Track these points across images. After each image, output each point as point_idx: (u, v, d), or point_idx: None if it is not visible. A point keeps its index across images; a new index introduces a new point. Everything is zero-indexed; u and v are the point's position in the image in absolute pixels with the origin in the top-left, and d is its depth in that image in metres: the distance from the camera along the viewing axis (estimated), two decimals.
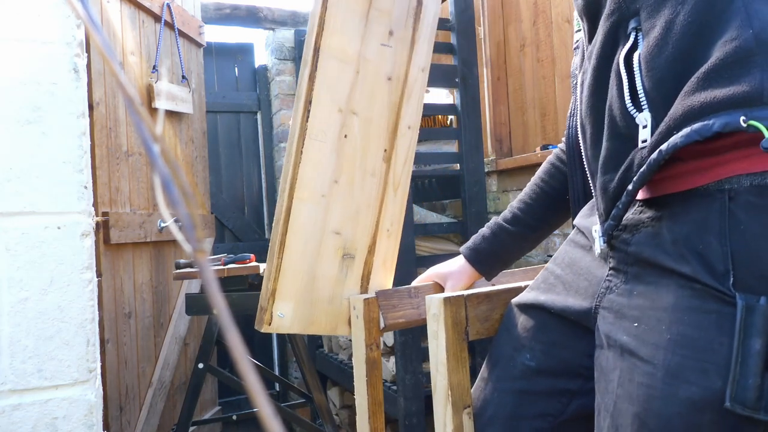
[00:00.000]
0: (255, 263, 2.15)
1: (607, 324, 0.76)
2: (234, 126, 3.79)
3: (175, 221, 0.41)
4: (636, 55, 0.71)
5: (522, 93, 2.71)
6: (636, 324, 0.71)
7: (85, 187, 1.02)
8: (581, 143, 0.85)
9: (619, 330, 0.73)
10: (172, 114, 2.68)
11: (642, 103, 0.70)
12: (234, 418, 2.41)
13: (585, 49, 0.84)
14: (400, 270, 2.10)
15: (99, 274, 2.04)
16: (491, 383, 0.94)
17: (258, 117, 3.84)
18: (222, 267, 2.10)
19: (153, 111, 2.41)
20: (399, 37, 1.18)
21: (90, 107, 1.94)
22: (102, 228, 2.10)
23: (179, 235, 0.30)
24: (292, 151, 1.07)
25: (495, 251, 1.11)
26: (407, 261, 2.18)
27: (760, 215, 0.63)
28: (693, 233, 0.66)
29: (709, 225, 0.65)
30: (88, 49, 1.87)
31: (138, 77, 2.40)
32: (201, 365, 2.06)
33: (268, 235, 3.75)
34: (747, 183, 0.64)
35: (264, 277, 1.08)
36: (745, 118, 0.61)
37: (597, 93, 0.77)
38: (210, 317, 2.11)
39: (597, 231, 0.79)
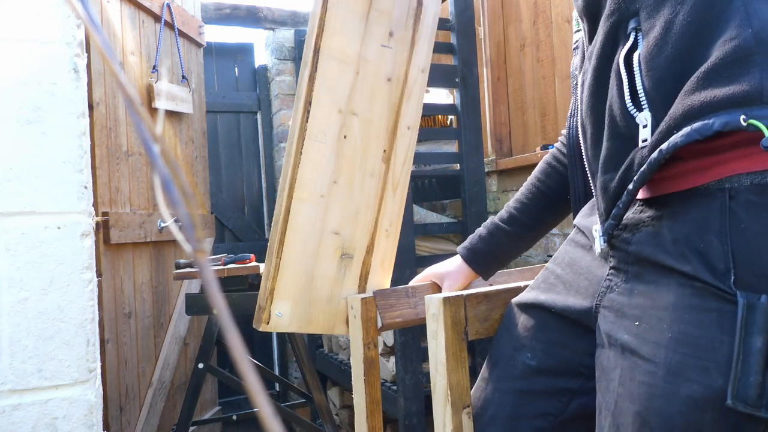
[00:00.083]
0: (255, 263, 2.15)
1: (608, 323, 0.76)
2: (234, 126, 3.79)
3: (175, 221, 0.41)
4: (636, 55, 0.71)
5: (522, 93, 2.71)
6: (637, 323, 0.71)
7: (85, 187, 1.02)
8: (581, 143, 0.85)
9: (620, 329, 0.73)
10: (172, 114, 2.68)
11: (642, 103, 0.70)
12: (234, 418, 2.41)
13: (585, 50, 0.84)
14: (399, 270, 2.11)
15: (99, 274, 2.04)
16: (492, 383, 0.94)
17: (258, 117, 3.84)
18: (222, 267, 2.10)
19: (153, 111, 2.41)
20: (399, 38, 1.18)
21: (90, 107, 1.94)
22: (102, 228, 2.10)
23: (179, 235, 0.30)
24: (291, 152, 1.07)
25: (492, 251, 1.11)
26: (407, 261, 2.18)
27: (760, 214, 0.63)
28: (693, 232, 0.67)
29: (710, 224, 0.65)
30: (88, 49, 1.87)
31: (138, 77, 2.40)
32: (201, 365, 2.06)
33: (268, 235, 3.74)
34: (747, 182, 0.64)
35: (262, 277, 1.08)
36: (746, 117, 0.61)
37: (597, 93, 0.77)
38: (210, 317, 2.11)
39: (597, 230, 0.79)
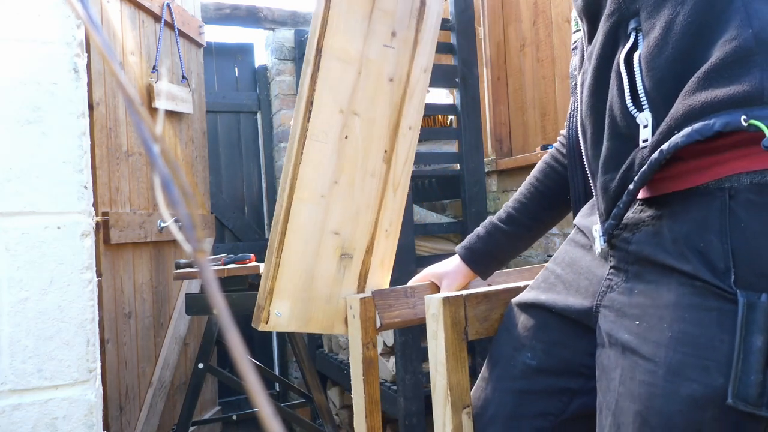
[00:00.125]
0: (255, 263, 2.15)
1: (609, 323, 0.76)
2: (234, 126, 3.79)
3: (175, 221, 0.41)
4: (636, 55, 0.71)
5: (522, 93, 2.71)
6: (637, 322, 0.71)
7: (85, 187, 1.02)
8: (581, 143, 0.85)
9: (621, 328, 0.73)
10: (172, 114, 2.68)
11: (642, 103, 0.70)
12: (234, 418, 2.41)
13: (584, 50, 0.84)
14: (400, 270, 2.11)
15: (99, 274, 2.04)
16: (492, 383, 0.94)
17: (258, 117, 3.84)
18: (222, 267, 2.10)
19: (153, 111, 2.41)
20: (402, 38, 1.18)
21: (90, 107, 1.94)
22: (102, 228, 2.10)
23: (179, 235, 0.30)
24: (292, 152, 1.07)
25: (490, 250, 1.11)
26: (407, 261, 2.18)
27: (760, 213, 0.63)
28: (693, 231, 0.67)
29: (710, 223, 0.65)
30: (88, 49, 1.87)
31: (138, 77, 2.40)
32: (201, 365, 2.06)
33: (268, 235, 3.74)
34: (747, 181, 0.64)
35: (262, 276, 1.08)
36: (746, 117, 0.61)
37: (597, 93, 0.77)
38: (210, 317, 2.11)
39: (597, 230, 0.79)
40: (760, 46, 0.63)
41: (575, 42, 0.93)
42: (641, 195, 0.74)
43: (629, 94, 0.71)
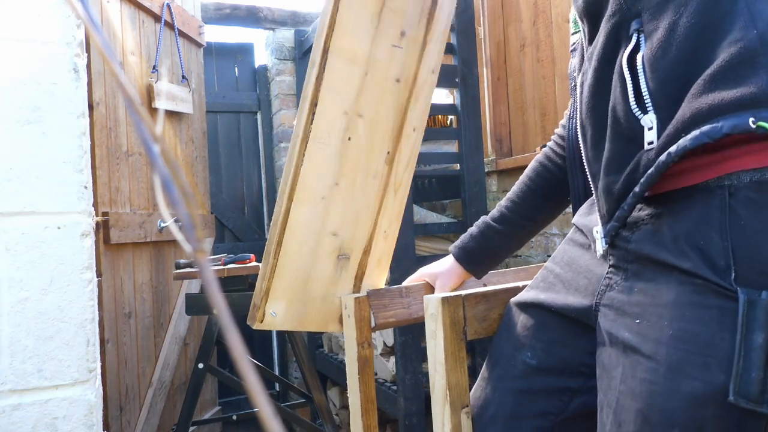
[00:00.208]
0: (255, 263, 2.15)
1: (609, 321, 0.76)
2: (234, 126, 3.79)
3: (175, 221, 0.41)
4: (639, 57, 0.71)
5: (522, 93, 2.71)
6: (637, 320, 0.71)
7: (85, 187, 1.02)
8: (581, 144, 0.84)
9: (621, 327, 0.73)
10: (172, 114, 2.68)
11: (647, 105, 0.70)
12: (234, 418, 2.41)
13: (584, 51, 0.84)
14: (399, 270, 2.11)
15: (99, 274, 2.04)
16: (492, 382, 0.94)
17: (258, 117, 3.84)
18: (222, 267, 2.10)
19: (153, 111, 2.41)
20: (411, 38, 1.14)
21: (90, 107, 1.94)
22: (102, 228, 2.10)
23: (179, 235, 0.30)
24: (294, 153, 1.05)
25: (483, 250, 1.11)
26: (407, 261, 2.18)
27: (760, 211, 0.63)
28: (693, 229, 0.67)
29: (710, 221, 0.66)
30: (88, 49, 1.87)
31: (138, 77, 2.40)
32: (201, 365, 2.06)
33: (267, 235, 3.75)
34: (747, 179, 0.64)
35: (258, 276, 1.08)
36: (755, 119, 0.61)
37: (598, 94, 0.77)
38: (210, 317, 2.11)
39: (599, 232, 0.79)
40: (765, 47, 0.63)
41: (574, 43, 0.93)
42: None
43: (633, 95, 0.71)
